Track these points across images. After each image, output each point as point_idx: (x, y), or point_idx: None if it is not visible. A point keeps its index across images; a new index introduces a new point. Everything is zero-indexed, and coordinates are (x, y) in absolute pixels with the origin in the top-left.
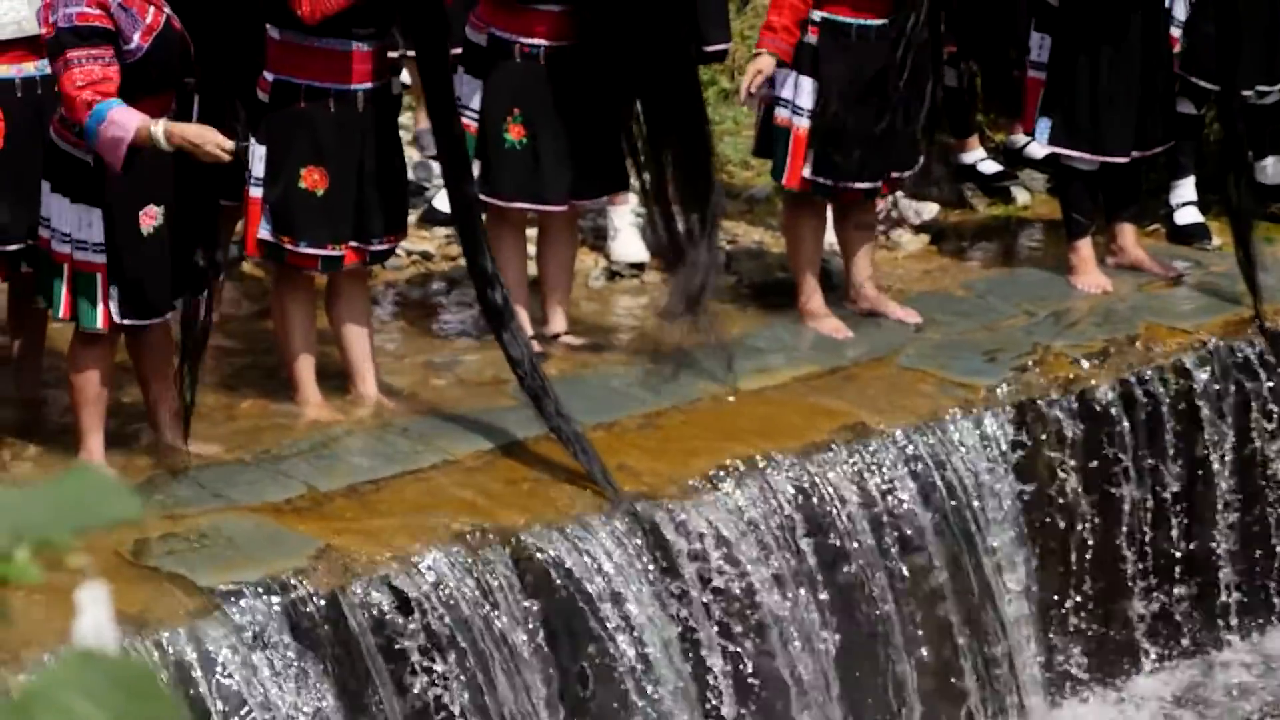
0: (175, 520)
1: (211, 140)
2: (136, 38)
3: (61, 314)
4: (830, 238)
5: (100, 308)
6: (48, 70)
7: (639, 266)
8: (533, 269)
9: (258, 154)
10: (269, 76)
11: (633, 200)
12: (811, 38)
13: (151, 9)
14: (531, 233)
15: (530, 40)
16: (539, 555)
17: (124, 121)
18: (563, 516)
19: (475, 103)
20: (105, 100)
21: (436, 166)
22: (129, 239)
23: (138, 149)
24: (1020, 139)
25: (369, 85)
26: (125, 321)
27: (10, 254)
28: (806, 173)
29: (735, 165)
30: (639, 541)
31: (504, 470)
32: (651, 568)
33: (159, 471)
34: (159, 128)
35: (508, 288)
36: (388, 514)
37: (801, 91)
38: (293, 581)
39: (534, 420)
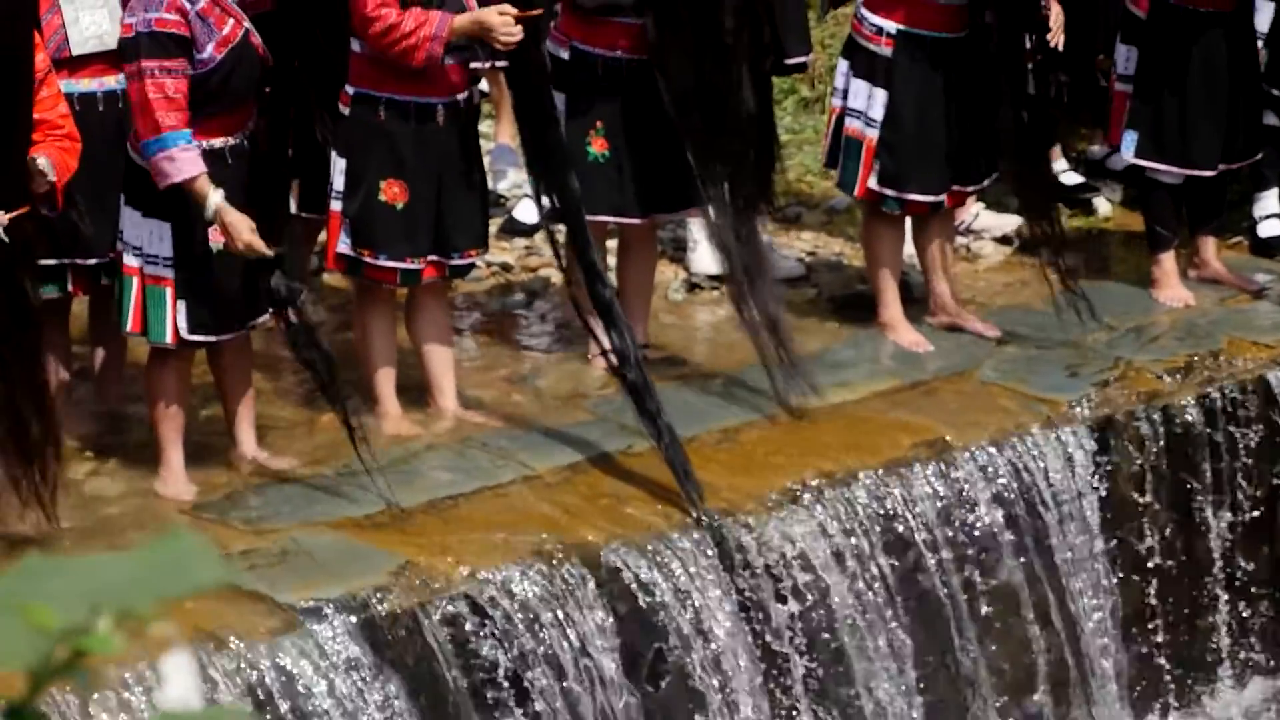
0: (256, 535)
1: (245, 240)
2: (210, 48)
3: (129, 327)
4: (910, 250)
5: (169, 322)
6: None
7: (719, 278)
8: (612, 280)
9: (338, 167)
10: (350, 90)
11: (711, 212)
12: (886, 50)
13: (230, 21)
14: (611, 244)
15: (612, 53)
16: (619, 571)
17: (183, 167)
18: (642, 532)
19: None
20: (177, 132)
21: (514, 178)
22: (198, 255)
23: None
24: (1101, 150)
25: (449, 98)
26: (193, 337)
27: (91, 268)
28: (873, 184)
29: (815, 175)
30: (718, 557)
31: (584, 485)
32: (730, 584)
33: (239, 486)
34: (216, 197)
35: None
36: (467, 530)
37: (874, 103)
38: (372, 598)
39: (614, 435)
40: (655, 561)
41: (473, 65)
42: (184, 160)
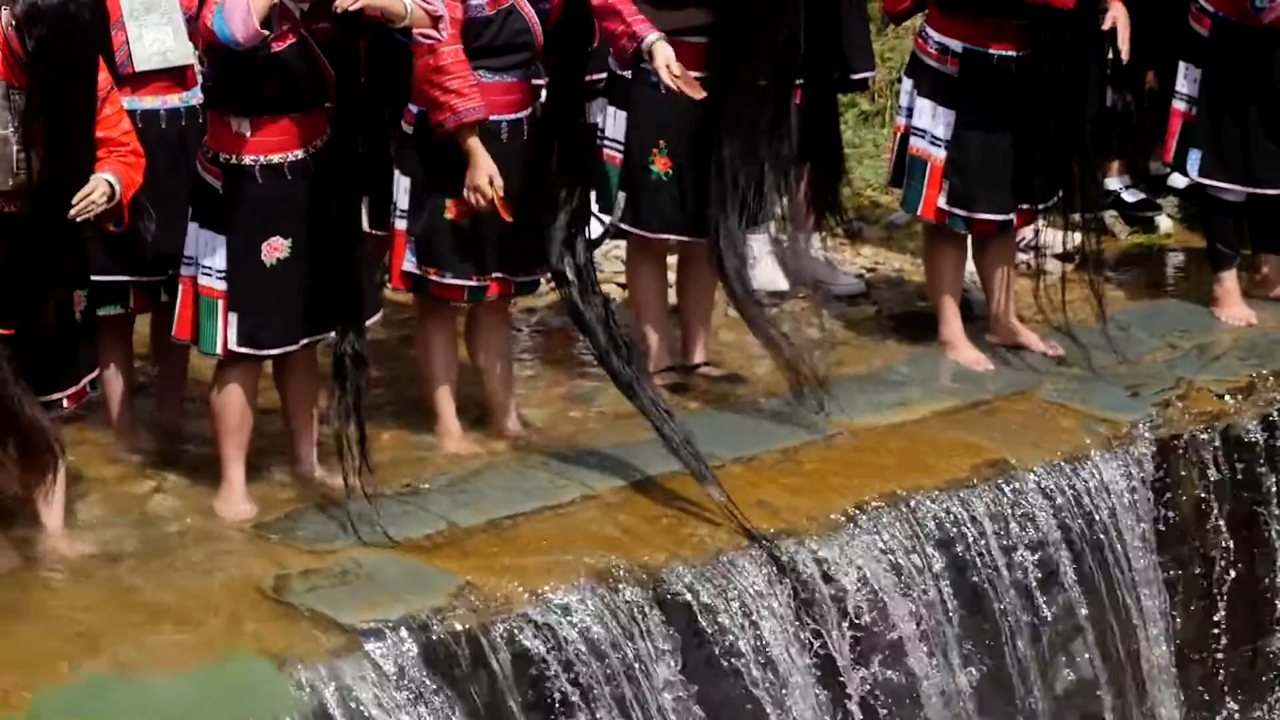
0: (317, 556)
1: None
2: (269, 39)
3: (175, 332)
4: (970, 267)
5: (219, 334)
6: (192, 101)
7: (779, 295)
8: (672, 297)
9: (402, 185)
10: (413, 108)
11: (772, 228)
12: (952, 69)
13: (285, 25)
14: (671, 260)
15: None
16: (678, 593)
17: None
18: (702, 553)
19: (619, 134)
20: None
21: None
22: (251, 268)
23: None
24: (1162, 166)
25: (512, 116)
26: (241, 349)
27: (152, 284)
28: (941, 203)
29: (875, 189)
30: (777, 579)
31: (643, 505)
32: (790, 605)
33: (300, 505)
34: None
35: (647, 319)
36: (527, 550)
37: (940, 122)
38: (433, 620)
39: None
40: (715, 583)
41: (534, 82)
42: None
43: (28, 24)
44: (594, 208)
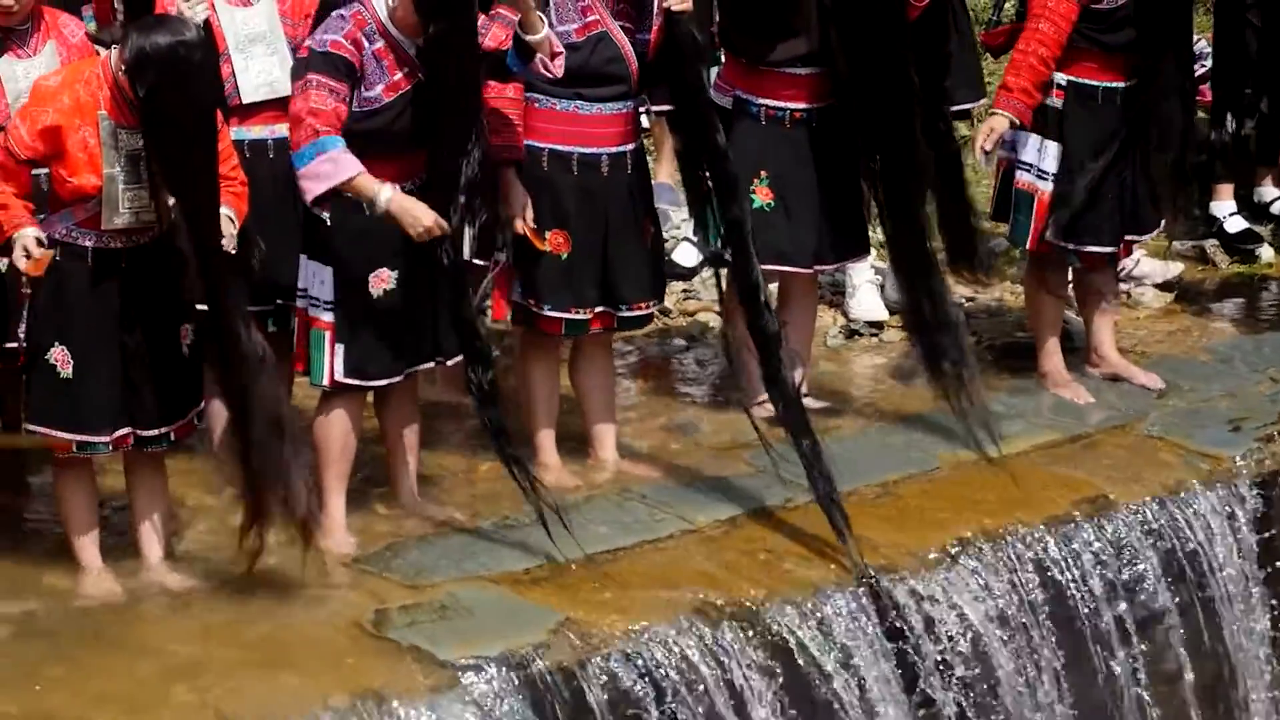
0: (416, 590)
1: (426, 226)
2: (380, 90)
3: (295, 366)
4: (1071, 297)
5: (326, 365)
6: None
7: (878, 325)
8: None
9: (504, 217)
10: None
11: (871, 257)
12: (1056, 101)
13: (403, 71)
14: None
15: (776, 103)
16: (777, 629)
17: (345, 166)
18: (801, 589)
19: None
20: (333, 137)
21: (674, 219)
22: (358, 300)
23: (337, 194)
24: (1270, 193)
25: (613, 149)
26: (348, 380)
27: (260, 314)
28: (1049, 236)
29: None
30: (877, 615)
31: (742, 540)
32: (889, 642)
33: (399, 537)
34: (386, 190)
35: (749, 348)
36: (626, 585)
37: (1046, 155)
38: (532, 656)
39: (773, 488)
40: (814, 619)
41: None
42: (344, 160)
43: (138, 70)
44: (693, 237)
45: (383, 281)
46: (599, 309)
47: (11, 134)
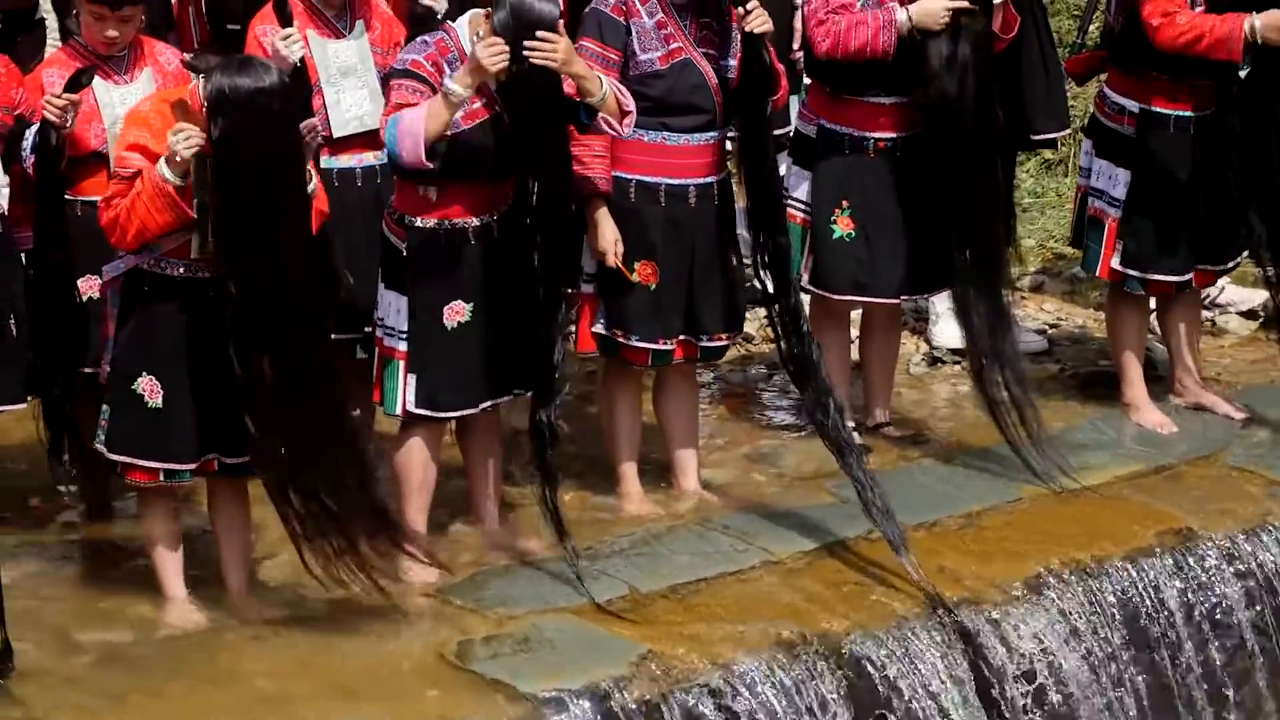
0: (499, 622)
1: (491, 53)
2: (458, 117)
3: (373, 395)
4: (1154, 326)
5: (399, 395)
6: (385, 160)
7: (960, 352)
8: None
9: (589, 248)
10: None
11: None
12: (1129, 129)
13: (482, 101)
14: (855, 314)
15: (859, 131)
16: (861, 662)
17: (416, 110)
18: (884, 622)
19: (803, 193)
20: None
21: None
22: (431, 331)
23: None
24: None
25: (700, 180)
26: (419, 411)
27: (345, 341)
28: (1115, 264)
29: (1057, 240)
30: (961, 648)
31: (825, 571)
32: (973, 675)
33: (482, 567)
34: (451, 82)
35: (830, 376)
36: (709, 617)
37: (1117, 183)
38: (614, 689)
39: (856, 519)
40: (897, 652)
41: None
42: (411, 111)
43: (215, 109)
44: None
45: (457, 314)
46: (682, 338)
47: (117, 163)
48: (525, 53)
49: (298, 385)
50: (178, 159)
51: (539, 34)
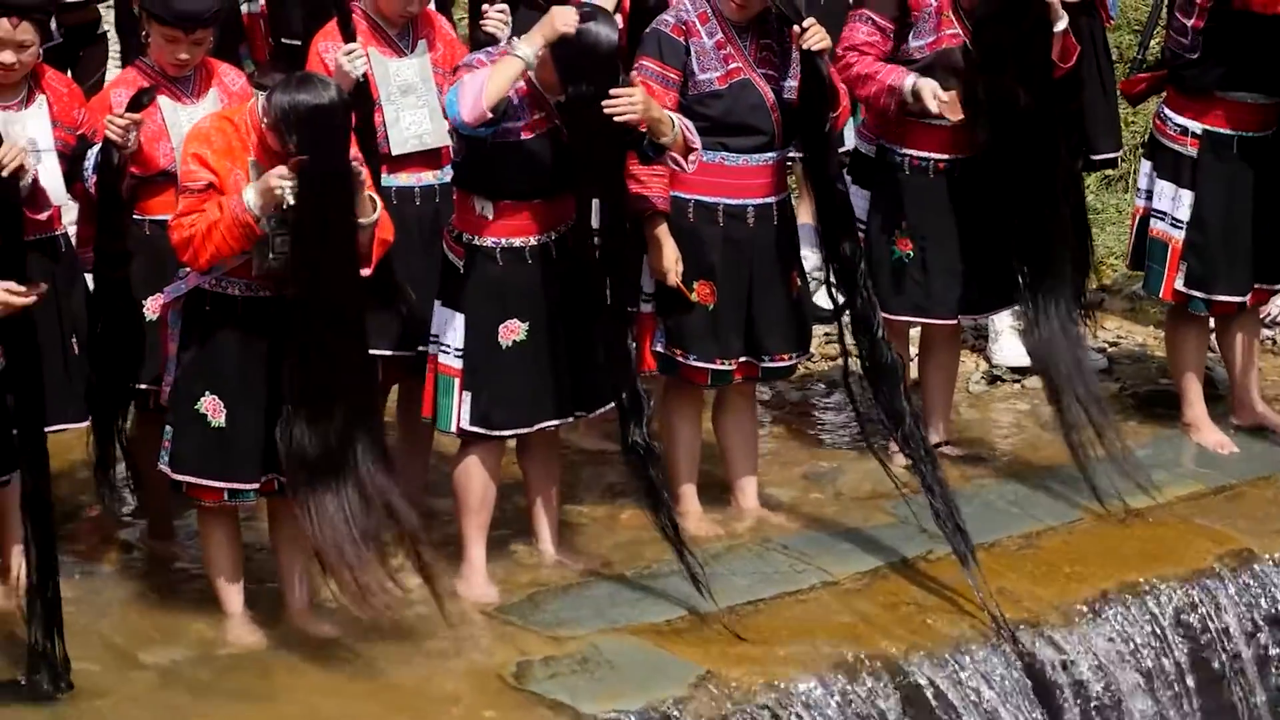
0: (557, 642)
1: (564, 17)
2: (519, 125)
3: (423, 411)
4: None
5: (454, 413)
6: (446, 179)
7: (1020, 371)
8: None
9: (649, 269)
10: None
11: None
12: (1192, 150)
13: (542, 113)
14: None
15: (919, 153)
16: (919, 684)
17: (478, 73)
18: (942, 643)
19: (861, 213)
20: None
21: (815, 260)
22: (487, 349)
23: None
24: None
25: (758, 200)
26: (473, 429)
27: (402, 359)
28: (1179, 285)
29: (1116, 258)
30: (1019, 670)
31: (883, 592)
32: (1033, 697)
33: (540, 587)
34: (522, 46)
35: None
36: (768, 638)
37: (1180, 204)
38: (673, 710)
39: (914, 539)
40: (956, 674)
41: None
42: (475, 73)
43: (281, 127)
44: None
45: (513, 332)
46: (743, 359)
47: (184, 177)
48: (606, 109)
49: (341, 395)
50: (276, 200)
51: (616, 91)
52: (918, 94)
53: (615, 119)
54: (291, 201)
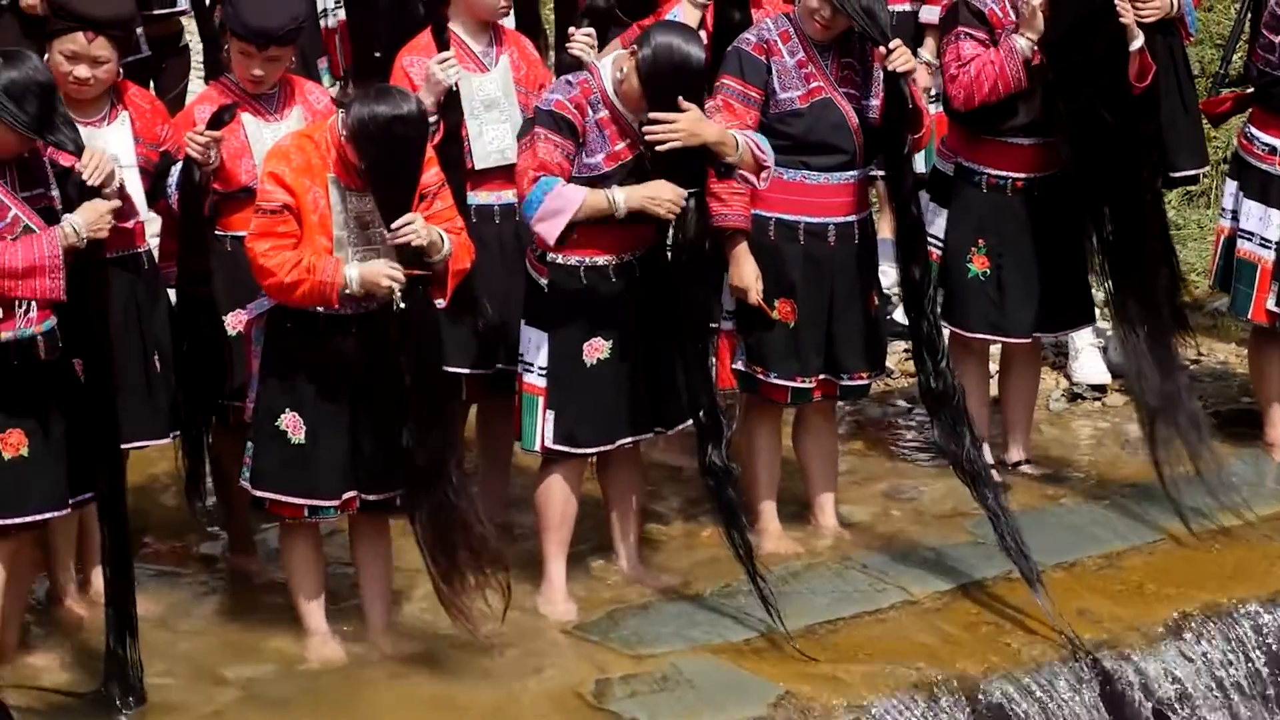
0: (637, 660)
1: (667, 197)
2: (600, 158)
3: (514, 431)
4: None
5: (538, 431)
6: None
7: (1100, 389)
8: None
9: (726, 287)
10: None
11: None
12: (1277, 169)
13: (625, 143)
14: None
15: (997, 171)
16: (999, 705)
17: (570, 195)
18: (1022, 664)
19: (939, 230)
20: (555, 177)
21: (895, 276)
22: (571, 367)
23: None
24: None
25: (840, 219)
26: (557, 447)
27: (482, 377)
28: (1271, 305)
29: (1198, 275)
30: (1099, 692)
31: (963, 612)
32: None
33: (620, 605)
34: (618, 194)
35: (970, 411)
36: (846, 658)
37: (1269, 223)
38: None
39: (994, 559)
40: (1035, 695)
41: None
42: (569, 191)
43: (357, 139)
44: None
45: (597, 351)
46: (822, 376)
47: (259, 197)
48: (647, 136)
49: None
50: (381, 296)
51: (655, 116)
52: (1022, 21)
53: (657, 147)
54: (403, 306)
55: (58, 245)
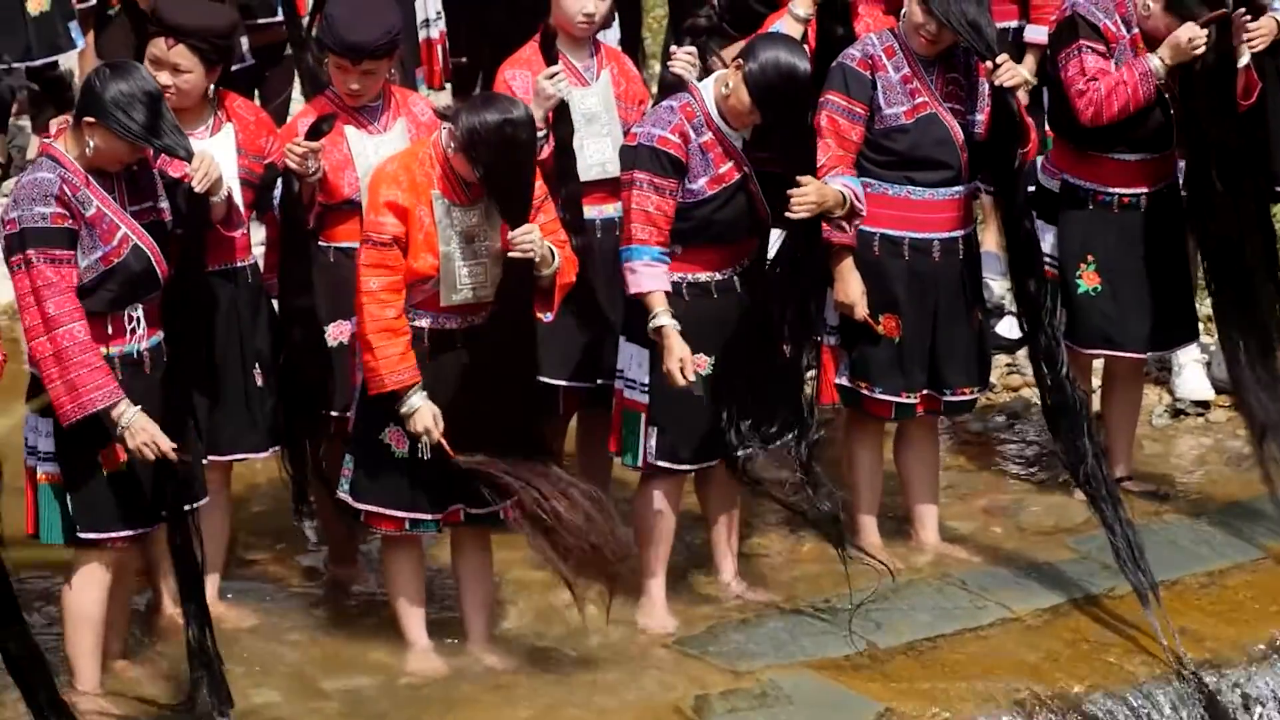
0: (736, 675)
1: (678, 359)
2: (703, 182)
3: (610, 446)
4: None
5: (640, 447)
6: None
7: (1204, 404)
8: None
9: (830, 302)
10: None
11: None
12: None
13: (730, 163)
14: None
15: (1104, 187)
16: None
17: (642, 280)
18: (1123, 683)
19: (1049, 247)
20: (645, 246)
21: (998, 290)
22: (672, 384)
23: None
24: None
25: (944, 234)
26: (660, 463)
27: (580, 391)
28: None
29: None
30: (1202, 712)
31: (1064, 629)
32: None
33: (719, 620)
34: (664, 319)
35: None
36: (947, 675)
37: None
38: None
39: (1096, 575)
40: (1137, 713)
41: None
42: (645, 274)
43: (470, 148)
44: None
45: (699, 366)
46: (925, 392)
47: (369, 227)
48: (788, 215)
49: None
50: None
51: (793, 193)
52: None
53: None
54: (434, 439)
55: (99, 404)
